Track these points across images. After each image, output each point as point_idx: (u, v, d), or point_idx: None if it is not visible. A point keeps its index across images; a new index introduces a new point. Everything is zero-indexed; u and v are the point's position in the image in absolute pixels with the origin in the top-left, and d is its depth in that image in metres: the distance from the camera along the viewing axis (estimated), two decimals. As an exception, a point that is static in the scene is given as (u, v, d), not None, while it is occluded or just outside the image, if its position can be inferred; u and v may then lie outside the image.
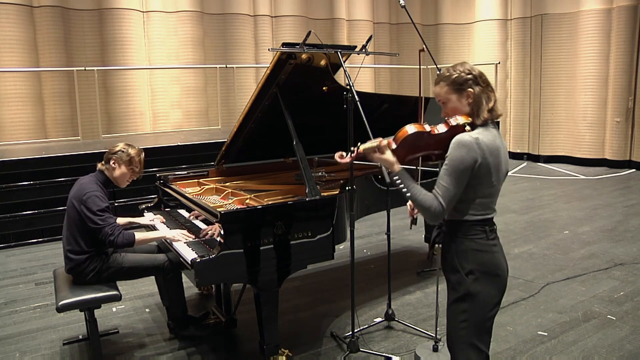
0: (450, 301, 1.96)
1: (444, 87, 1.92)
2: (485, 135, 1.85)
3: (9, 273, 4.72)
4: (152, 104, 8.79)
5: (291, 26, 9.71)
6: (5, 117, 7.51)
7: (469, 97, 1.89)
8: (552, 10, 9.78)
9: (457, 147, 1.81)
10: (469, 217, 1.89)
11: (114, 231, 2.83)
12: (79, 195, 2.90)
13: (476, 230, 1.89)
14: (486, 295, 1.88)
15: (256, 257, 2.60)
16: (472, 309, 1.89)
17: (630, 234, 5.39)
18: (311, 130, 3.38)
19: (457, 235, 1.92)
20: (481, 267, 1.88)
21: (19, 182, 5.75)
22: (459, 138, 1.82)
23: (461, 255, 1.90)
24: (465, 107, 1.91)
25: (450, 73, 1.92)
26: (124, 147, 3.06)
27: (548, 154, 10.14)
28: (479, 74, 1.91)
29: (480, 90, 1.89)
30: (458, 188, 1.82)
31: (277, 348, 2.79)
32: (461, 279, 1.90)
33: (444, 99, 1.94)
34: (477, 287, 1.88)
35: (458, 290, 1.92)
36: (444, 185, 1.82)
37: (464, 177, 1.81)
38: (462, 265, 1.90)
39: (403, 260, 4.77)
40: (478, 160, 1.80)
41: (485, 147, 1.82)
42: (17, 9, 7.47)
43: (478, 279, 1.88)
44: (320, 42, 2.94)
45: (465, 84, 1.89)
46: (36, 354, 3.19)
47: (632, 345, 3.10)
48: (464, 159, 1.79)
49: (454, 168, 1.80)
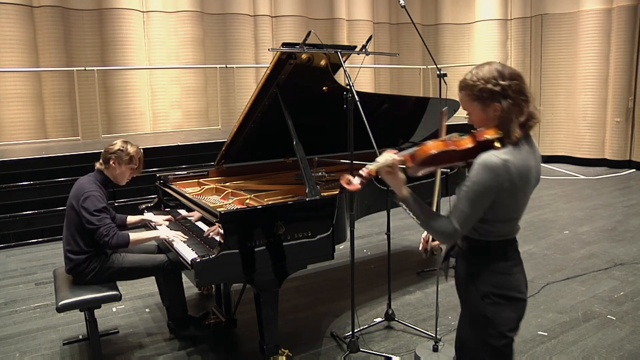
0: (464, 322, 1.84)
1: (467, 97, 1.70)
2: (515, 155, 1.62)
3: (9, 273, 4.72)
4: (152, 104, 8.79)
5: (291, 26, 9.71)
6: (5, 117, 7.51)
7: (496, 111, 1.65)
8: (552, 10, 9.78)
9: (482, 169, 1.59)
10: (491, 239, 1.73)
11: (109, 232, 2.83)
12: (77, 195, 2.91)
13: (496, 253, 1.74)
14: (502, 318, 1.73)
15: (256, 257, 2.60)
16: (487, 334, 1.74)
17: (630, 234, 5.39)
18: (311, 130, 3.38)
19: (475, 256, 1.77)
20: (499, 290, 1.72)
21: (19, 182, 5.75)
22: (485, 159, 1.60)
23: (479, 276, 1.75)
24: (491, 119, 1.67)
25: (474, 82, 1.66)
26: (122, 145, 3.03)
27: (548, 154, 10.13)
28: (509, 83, 1.63)
29: (509, 104, 1.63)
30: (477, 212, 1.64)
31: (277, 348, 2.79)
32: (476, 302, 1.76)
33: (467, 109, 1.73)
34: (494, 311, 1.72)
35: (473, 312, 1.79)
36: (461, 209, 1.64)
37: (485, 202, 1.63)
38: (477, 287, 1.75)
39: (403, 260, 4.77)
40: (504, 185, 1.60)
41: (514, 170, 1.60)
42: (17, 9, 7.47)
43: (495, 302, 1.72)
44: (320, 42, 2.94)
45: (491, 96, 1.64)
46: (36, 354, 3.19)
47: (632, 345, 3.10)
48: (488, 184, 1.59)
49: (475, 192, 1.61)
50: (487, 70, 1.66)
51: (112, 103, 8.35)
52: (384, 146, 4.44)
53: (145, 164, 3.27)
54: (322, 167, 4.02)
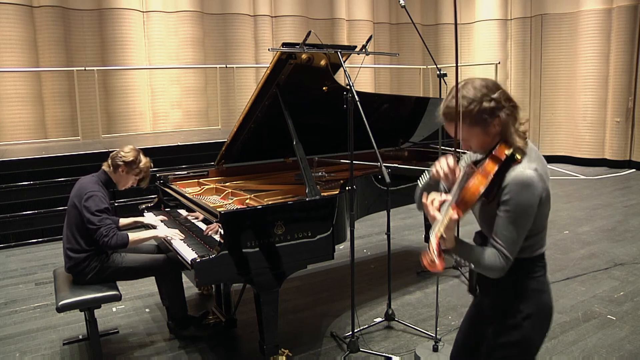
0: (497, 346, 1.68)
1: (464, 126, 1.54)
2: (536, 160, 1.56)
3: (9, 273, 4.72)
4: (152, 104, 8.79)
5: (291, 26, 9.71)
6: (5, 117, 7.51)
7: (497, 125, 1.55)
8: (552, 10, 9.78)
9: (523, 188, 1.49)
10: (535, 254, 1.63)
11: (108, 232, 2.84)
12: (79, 194, 2.92)
13: (539, 267, 1.63)
14: (538, 338, 1.65)
15: (256, 257, 2.60)
16: (523, 354, 1.65)
17: (630, 234, 5.39)
18: (311, 130, 3.38)
19: (519, 275, 1.62)
20: (541, 311, 1.63)
21: (19, 182, 5.75)
22: (520, 177, 1.49)
23: (520, 297, 1.63)
24: (493, 138, 1.57)
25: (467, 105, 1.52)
26: (135, 156, 3.07)
27: (548, 154, 10.12)
28: (498, 95, 1.53)
29: (507, 115, 1.54)
30: (524, 233, 1.54)
31: (277, 348, 2.79)
32: (516, 324, 1.63)
33: (466, 137, 1.57)
34: (534, 332, 1.63)
35: (509, 334, 1.65)
36: (509, 237, 1.51)
37: (531, 221, 1.53)
38: (520, 309, 1.62)
39: (403, 260, 4.77)
40: (542, 195, 1.53)
41: (545, 176, 1.54)
42: (17, 9, 7.47)
43: (536, 324, 1.63)
44: (320, 42, 2.94)
45: (491, 114, 1.53)
46: (36, 354, 3.19)
47: (632, 345, 3.10)
48: (532, 203, 1.50)
49: (522, 214, 1.50)
50: (473, 91, 1.54)
51: (112, 103, 8.35)
52: (384, 146, 4.47)
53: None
54: (322, 167, 4.02)
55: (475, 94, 1.53)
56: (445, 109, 1.59)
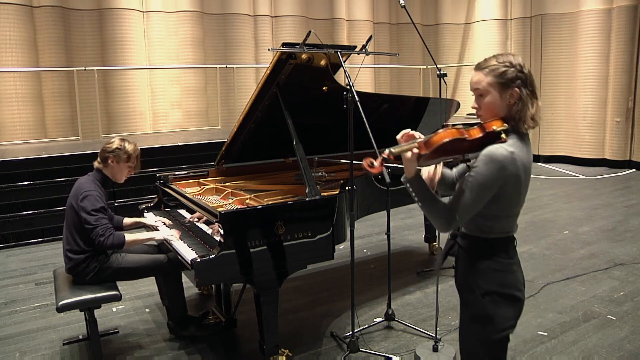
0: (464, 319, 1.84)
1: (488, 77, 1.67)
2: (521, 149, 1.65)
3: (9, 273, 4.72)
4: (152, 104, 8.79)
5: (291, 26, 9.71)
6: (5, 117, 7.51)
7: (512, 98, 1.65)
8: (552, 10, 9.77)
9: (490, 162, 1.59)
10: (492, 236, 1.73)
11: (104, 232, 2.84)
12: (76, 194, 2.92)
13: (499, 249, 1.73)
14: (502, 317, 1.73)
15: (256, 257, 2.60)
16: (487, 330, 1.74)
17: (630, 234, 5.39)
18: (311, 130, 3.38)
19: (477, 253, 1.76)
20: (499, 289, 1.72)
21: (19, 182, 5.75)
22: (493, 151, 1.60)
23: (478, 274, 1.75)
24: (503, 107, 1.67)
25: (499, 64, 1.66)
26: (120, 144, 3.03)
27: (548, 154, 10.13)
28: (529, 74, 1.68)
29: (527, 93, 1.66)
30: (478, 204, 1.64)
31: (277, 348, 2.79)
32: (475, 300, 1.76)
33: (483, 91, 1.69)
34: (494, 309, 1.73)
35: (471, 310, 1.79)
36: (463, 200, 1.63)
37: (488, 194, 1.63)
38: (478, 284, 1.74)
39: (403, 260, 4.77)
40: (510, 178, 1.61)
41: (520, 164, 1.62)
42: (17, 9, 7.47)
43: (495, 301, 1.72)
44: (320, 42, 2.94)
45: (514, 82, 1.65)
46: (36, 354, 3.19)
47: (632, 345, 3.10)
48: (494, 176, 1.59)
49: (480, 184, 1.61)
50: (512, 57, 1.68)
51: (112, 103, 8.35)
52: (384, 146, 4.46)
53: (145, 164, 3.28)
54: (322, 167, 4.02)
55: (510, 60, 1.67)
56: (481, 61, 1.73)
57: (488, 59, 1.71)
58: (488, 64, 1.69)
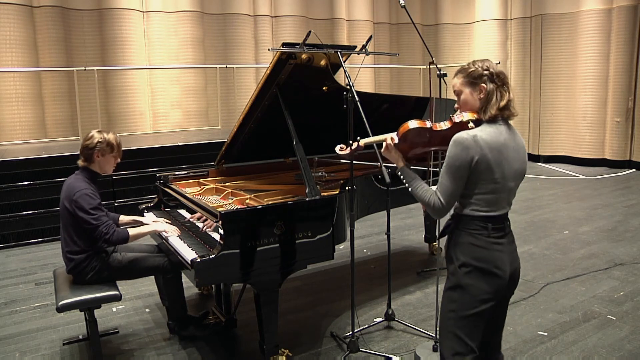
0: (444, 289, 2.03)
1: (460, 79, 1.97)
2: (488, 132, 1.86)
3: (9, 273, 4.72)
4: (152, 104, 8.79)
5: (291, 26, 9.71)
6: (5, 117, 7.51)
7: (481, 92, 1.91)
8: (552, 10, 9.78)
9: (453, 145, 1.85)
10: (471, 212, 1.91)
11: (108, 229, 2.84)
12: (69, 196, 2.88)
13: (476, 226, 1.90)
14: (476, 289, 1.90)
15: (256, 257, 2.60)
16: (460, 300, 1.92)
17: (630, 234, 5.39)
18: (311, 130, 3.38)
19: (458, 228, 1.96)
20: (474, 262, 1.89)
21: (19, 182, 5.75)
22: (456, 136, 1.85)
23: (457, 246, 1.94)
24: (476, 101, 1.93)
25: (469, 66, 1.96)
26: (100, 137, 2.97)
27: (548, 154, 10.14)
28: (496, 72, 1.93)
29: (493, 87, 1.91)
30: (456, 185, 1.86)
31: (277, 348, 2.79)
32: (454, 270, 1.95)
33: (458, 91, 1.98)
34: (468, 280, 1.91)
35: (451, 280, 1.98)
36: (443, 182, 1.88)
37: (460, 174, 1.85)
38: (457, 256, 1.94)
39: (403, 260, 4.77)
40: (475, 157, 1.82)
41: (483, 144, 1.83)
42: (17, 9, 7.47)
43: (470, 272, 1.90)
44: (320, 42, 2.94)
45: (480, 78, 1.91)
46: (36, 354, 3.19)
47: (632, 345, 3.10)
48: (459, 156, 1.83)
49: (450, 165, 1.85)
50: (480, 61, 1.97)
51: (112, 103, 8.36)
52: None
53: (145, 164, 3.28)
54: (322, 167, 4.02)
55: (479, 64, 1.95)
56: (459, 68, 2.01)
57: (464, 67, 1.99)
58: (461, 69, 1.98)
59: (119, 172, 6.08)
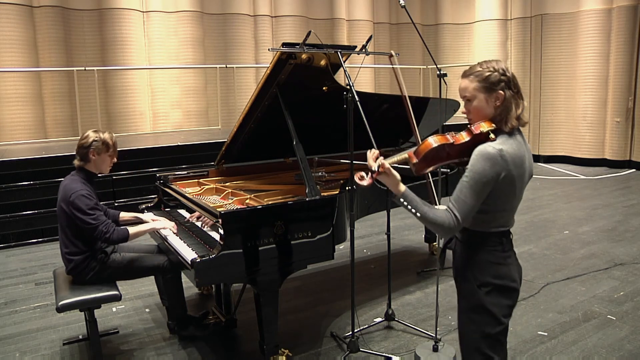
0: (461, 310, 1.91)
1: (474, 83, 1.78)
2: (510, 145, 1.73)
3: (9, 273, 4.72)
4: (152, 104, 8.79)
5: (291, 26, 9.71)
6: (5, 117, 7.51)
7: (498, 100, 1.76)
8: (552, 10, 9.78)
9: (480, 159, 1.69)
10: (487, 229, 1.80)
11: (108, 229, 2.84)
12: (65, 197, 2.87)
13: (493, 242, 1.81)
14: (499, 308, 1.81)
15: (256, 257, 2.60)
16: (484, 321, 1.82)
17: (630, 234, 5.39)
18: (311, 130, 3.38)
19: (473, 246, 1.84)
20: (494, 280, 1.80)
21: (19, 182, 5.75)
22: (482, 150, 1.70)
23: (475, 266, 1.83)
24: (490, 109, 1.78)
25: (483, 69, 1.77)
26: (95, 136, 2.96)
27: (548, 154, 10.14)
28: (512, 77, 1.78)
29: (511, 95, 1.76)
30: (477, 201, 1.72)
31: (277, 348, 2.79)
32: (473, 290, 1.83)
33: (471, 96, 1.80)
34: (490, 300, 1.81)
35: (470, 300, 1.86)
36: (462, 199, 1.71)
37: (485, 191, 1.71)
38: (475, 276, 1.82)
39: (403, 260, 4.77)
40: (502, 173, 1.70)
41: (509, 159, 1.71)
42: (17, 9, 7.47)
43: (490, 292, 1.80)
44: (320, 42, 2.94)
45: (498, 85, 1.75)
46: (36, 354, 3.19)
47: (632, 345, 3.10)
48: (487, 173, 1.68)
49: (476, 181, 1.69)
50: (495, 63, 1.79)
51: (112, 103, 8.36)
52: (384, 146, 4.46)
53: (145, 164, 3.27)
54: (322, 167, 4.02)
55: (493, 65, 1.78)
56: (467, 69, 1.84)
57: (473, 66, 1.82)
58: (473, 71, 1.80)
59: (119, 172, 6.10)
